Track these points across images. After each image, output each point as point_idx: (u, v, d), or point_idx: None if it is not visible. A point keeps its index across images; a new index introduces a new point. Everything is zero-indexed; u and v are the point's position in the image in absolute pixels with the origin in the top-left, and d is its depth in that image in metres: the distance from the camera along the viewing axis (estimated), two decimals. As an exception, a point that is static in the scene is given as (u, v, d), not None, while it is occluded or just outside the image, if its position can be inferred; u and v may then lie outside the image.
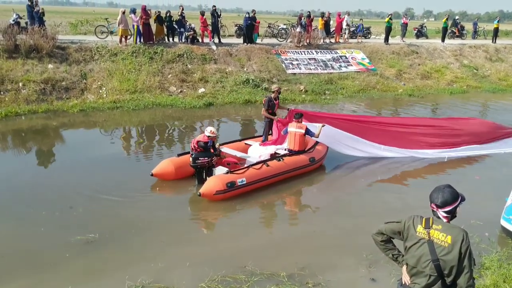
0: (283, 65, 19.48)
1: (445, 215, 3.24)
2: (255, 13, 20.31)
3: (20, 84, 14.29)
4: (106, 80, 15.73)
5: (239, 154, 9.51)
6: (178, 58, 17.73)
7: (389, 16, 23.93)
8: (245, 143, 10.18)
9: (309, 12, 21.98)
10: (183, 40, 19.18)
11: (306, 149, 9.65)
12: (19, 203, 7.62)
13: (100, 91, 15.28)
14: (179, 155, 9.06)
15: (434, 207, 3.27)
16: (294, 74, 19.15)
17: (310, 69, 19.82)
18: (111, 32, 19.06)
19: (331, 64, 20.54)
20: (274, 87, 10.75)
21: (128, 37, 17.98)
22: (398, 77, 20.87)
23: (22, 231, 6.67)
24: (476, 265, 3.22)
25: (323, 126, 9.59)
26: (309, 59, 20.47)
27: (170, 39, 19.35)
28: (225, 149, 9.53)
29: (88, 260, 5.96)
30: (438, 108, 17.53)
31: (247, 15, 20.30)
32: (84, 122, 13.25)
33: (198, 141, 8.30)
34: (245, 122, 14.02)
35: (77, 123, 13.16)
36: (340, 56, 21.31)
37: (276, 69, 18.95)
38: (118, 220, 7.09)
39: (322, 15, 22.88)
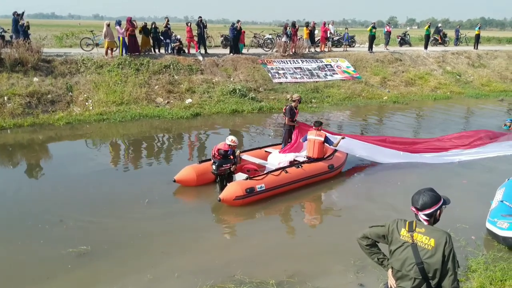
0: (270, 74, 19.63)
1: (425, 218, 3.29)
2: (240, 24, 20.46)
3: (5, 98, 14.19)
4: (92, 92, 15.70)
5: (259, 161, 9.77)
6: (164, 69, 17.77)
7: (372, 25, 24.28)
8: (265, 151, 10.44)
9: (294, 22, 22.21)
10: (169, 51, 19.24)
11: (325, 157, 9.84)
12: (7, 217, 7.58)
13: (86, 103, 15.24)
14: (200, 162, 9.32)
15: (414, 209, 3.33)
16: (281, 83, 19.30)
17: (296, 78, 20.00)
18: (97, 45, 19.06)
19: (316, 73, 20.75)
20: (295, 96, 11.03)
21: (114, 49, 17.99)
22: (383, 84, 21.15)
23: (12, 246, 6.62)
24: (460, 268, 3.27)
25: (342, 138, 9.93)
26: (295, 68, 20.66)
27: (156, 50, 19.39)
28: (245, 157, 9.76)
29: (81, 273, 5.95)
30: (422, 114, 17.78)
31: (232, 26, 20.44)
32: (70, 135, 13.20)
33: (218, 149, 8.44)
34: (234, 132, 14.07)
35: (64, 136, 13.10)
36: (326, 65, 21.55)
37: (263, 79, 19.08)
38: (109, 232, 7.08)
39: (307, 24, 23.14)
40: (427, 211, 3.26)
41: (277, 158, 9.84)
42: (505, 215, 6.85)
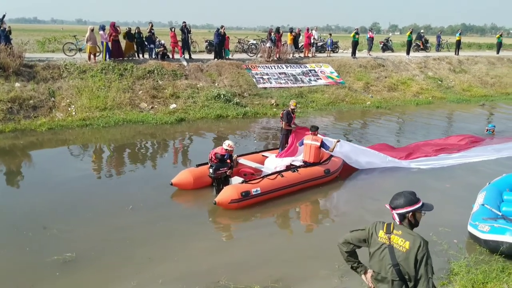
0: (254, 79, 19.69)
1: (397, 217, 3.37)
2: (224, 29, 20.50)
3: (-14, 104, 13.96)
4: (75, 97, 15.54)
5: (255, 165, 9.84)
6: (148, 74, 17.69)
7: (355, 31, 24.54)
8: (262, 155, 10.55)
9: (279, 28, 22.34)
10: (153, 56, 19.16)
11: (321, 161, 9.94)
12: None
13: (69, 109, 15.07)
14: (197, 165, 9.37)
15: (389, 207, 3.41)
16: (265, 88, 19.36)
17: (281, 83, 20.09)
18: (80, 50, 18.90)
19: (301, 78, 20.87)
20: (291, 102, 11.26)
21: (97, 54, 17.86)
22: (366, 89, 21.36)
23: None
24: (434, 274, 3.29)
25: (338, 141, 10.05)
26: (279, 73, 20.76)
27: (140, 55, 19.30)
28: (242, 161, 9.86)
29: (66, 280, 5.89)
30: (405, 119, 18.00)
31: (217, 31, 20.46)
32: (53, 140, 13.03)
33: (215, 153, 8.54)
34: (219, 137, 14.06)
35: (46, 142, 12.93)
36: (310, 70, 21.69)
37: (247, 84, 19.12)
38: (94, 239, 7.02)
39: (291, 30, 23.30)
40: (399, 211, 3.33)
41: (273, 162, 9.97)
42: (486, 218, 6.96)
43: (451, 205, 8.68)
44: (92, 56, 17.55)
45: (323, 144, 9.68)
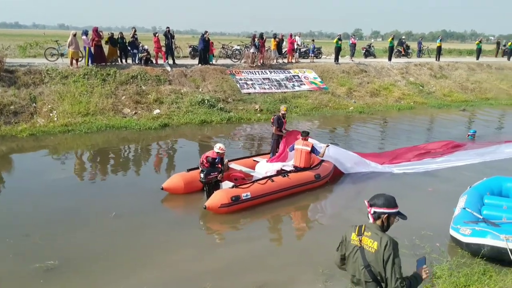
0: (238, 85, 19.71)
1: (373, 215, 3.44)
2: (208, 34, 20.51)
3: (-35, 109, 13.70)
4: (57, 103, 15.34)
5: (246, 170, 9.87)
6: (131, 80, 17.58)
7: (338, 37, 24.77)
8: (253, 160, 10.60)
9: (262, 33, 22.43)
10: (136, 62, 19.05)
11: (312, 166, 10.01)
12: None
13: (51, 114, 14.87)
14: (188, 170, 9.35)
15: (367, 203, 3.48)
16: (249, 93, 19.40)
17: (265, 88, 20.15)
18: (62, 55, 18.69)
19: (284, 84, 20.97)
20: (282, 107, 11.37)
21: (80, 59, 17.69)
22: (349, 95, 21.56)
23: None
24: (401, 274, 3.30)
25: (327, 146, 10.12)
26: (263, 79, 20.82)
27: (123, 60, 19.18)
28: (233, 165, 9.89)
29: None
30: (388, 124, 18.21)
31: (202, 37, 20.45)
32: (34, 146, 12.83)
33: (207, 157, 8.54)
34: (203, 142, 14.03)
35: (27, 148, 12.73)
36: (293, 76, 21.81)
37: (231, 89, 19.13)
38: (78, 246, 6.93)
39: (275, 36, 23.41)
40: (376, 209, 3.40)
41: (264, 167, 10.04)
42: (467, 221, 7.06)
43: (433, 209, 8.81)
44: (74, 61, 17.36)
45: (313, 149, 9.77)
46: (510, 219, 7.29)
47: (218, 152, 8.59)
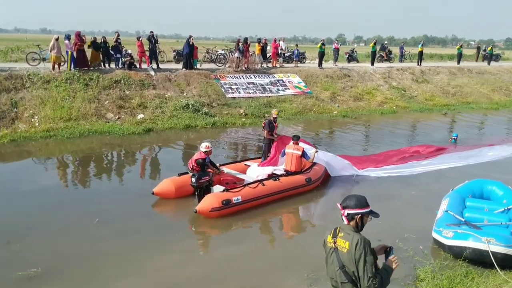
0: (223, 89, 19.69)
1: (346, 217, 3.48)
2: (193, 39, 20.46)
3: None
4: (38, 108, 15.14)
5: (238, 174, 9.92)
6: (115, 84, 17.43)
7: (322, 42, 24.95)
8: (245, 164, 10.64)
9: (246, 38, 22.47)
10: (120, 66, 18.91)
11: (303, 170, 10.07)
12: None
13: (32, 119, 14.66)
14: (179, 174, 9.35)
15: (339, 206, 3.53)
16: (234, 98, 19.40)
17: (249, 93, 20.17)
18: (44, 59, 18.45)
19: (269, 88, 21.03)
20: (273, 111, 11.37)
21: (62, 63, 17.49)
22: (333, 99, 21.71)
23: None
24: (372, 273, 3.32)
25: (316, 151, 10.23)
26: (248, 83, 20.85)
27: (106, 65, 19.02)
28: (224, 169, 9.86)
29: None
30: (371, 128, 18.37)
31: (187, 41, 20.39)
32: (15, 152, 12.63)
33: (196, 160, 8.49)
34: (187, 147, 13.97)
35: (8, 154, 12.52)
36: (278, 80, 21.89)
37: (216, 94, 19.11)
38: (61, 253, 6.84)
39: (259, 40, 23.48)
40: (349, 211, 3.45)
41: (255, 171, 10.09)
42: (450, 224, 7.15)
43: (416, 212, 8.92)
44: (56, 66, 17.16)
45: (304, 154, 9.84)
46: (492, 222, 7.43)
47: (205, 152, 8.61)
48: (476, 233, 6.66)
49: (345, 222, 3.48)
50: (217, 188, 8.94)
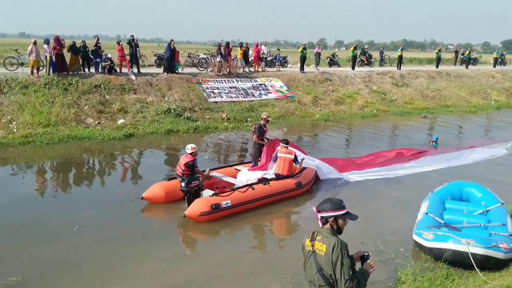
0: (205, 94, 19.64)
1: (320, 221, 3.52)
2: (174, 43, 20.38)
3: None
4: (16, 113, 14.85)
5: (228, 178, 9.82)
6: (95, 89, 17.23)
7: (303, 46, 25.11)
8: (235, 169, 10.57)
9: (228, 42, 22.48)
10: (100, 71, 18.70)
11: (293, 174, 10.05)
12: None
13: (10, 125, 14.38)
14: (169, 179, 9.29)
15: (315, 210, 3.57)
16: (216, 102, 19.36)
17: (232, 97, 20.16)
18: (22, 64, 18.16)
19: (251, 92, 21.05)
20: (263, 114, 11.26)
21: (41, 68, 17.22)
22: (314, 103, 21.84)
23: None
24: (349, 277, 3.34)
25: (303, 159, 10.26)
26: (230, 87, 20.84)
27: (86, 69, 18.80)
28: (214, 174, 9.81)
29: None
30: (352, 131, 18.52)
31: (169, 45, 20.29)
32: (-8, 159, 12.35)
33: (185, 163, 8.45)
34: (169, 152, 13.86)
35: (-16, 160, 12.24)
36: (260, 84, 21.94)
37: (198, 98, 19.04)
38: (40, 261, 6.71)
39: (241, 45, 23.52)
40: (323, 214, 3.50)
41: (245, 176, 10.05)
42: (430, 226, 7.23)
43: (397, 214, 9.00)
44: (35, 71, 16.91)
45: (296, 159, 9.90)
46: (471, 223, 7.55)
47: (191, 153, 8.58)
48: (456, 235, 6.74)
49: (321, 225, 3.51)
50: (207, 193, 8.89)
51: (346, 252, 3.36)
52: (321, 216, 3.50)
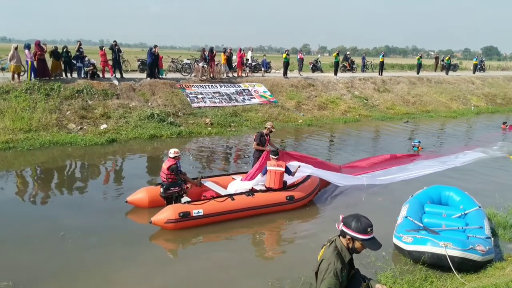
0: (188, 99, 19.65)
1: (340, 230, 3.50)
2: (158, 49, 20.37)
3: None
4: (-4, 119, 14.66)
5: (217, 188, 9.48)
6: (77, 94, 17.11)
7: (286, 52, 25.32)
8: (232, 178, 10.18)
9: (212, 47, 22.56)
10: (82, 76, 18.58)
11: (288, 186, 9.63)
12: None
13: (-10, 131, 14.17)
14: (157, 184, 9.14)
15: (341, 218, 3.55)
16: (200, 107, 19.38)
17: (215, 102, 20.20)
18: (2, 69, 17.97)
19: (235, 97, 21.13)
20: (268, 124, 10.84)
21: (22, 73, 17.04)
22: (298, 108, 22.01)
23: None
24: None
25: (298, 167, 9.83)
26: (214, 92, 20.88)
27: (68, 74, 18.66)
28: (207, 183, 9.57)
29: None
30: (335, 136, 18.70)
31: (150, 51, 20.27)
32: (-29, 165, 12.15)
33: (168, 167, 8.44)
34: (152, 157, 13.82)
35: (-37, 166, 12.04)
36: (243, 89, 22.03)
37: (181, 103, 19.03)
38: (31, 265, 6.68)
39: (225, 50, 23.60)
40: (344, 228, 3.44)
41: (236, 186, 9.58)
42: (409, 230, 7.36)
43: (380, 218, 9.00)
44: (16, 76, 16.72)
45: (287, 170, 9.43)
46: (449, 227, 7.71)
47: (174, 157, 8.60)
48: (434, 238, 6.89)
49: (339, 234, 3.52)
50: (185, 199, 8.67)
51: (334, 271, 3.30)
52: (342, 229, 3.44)
